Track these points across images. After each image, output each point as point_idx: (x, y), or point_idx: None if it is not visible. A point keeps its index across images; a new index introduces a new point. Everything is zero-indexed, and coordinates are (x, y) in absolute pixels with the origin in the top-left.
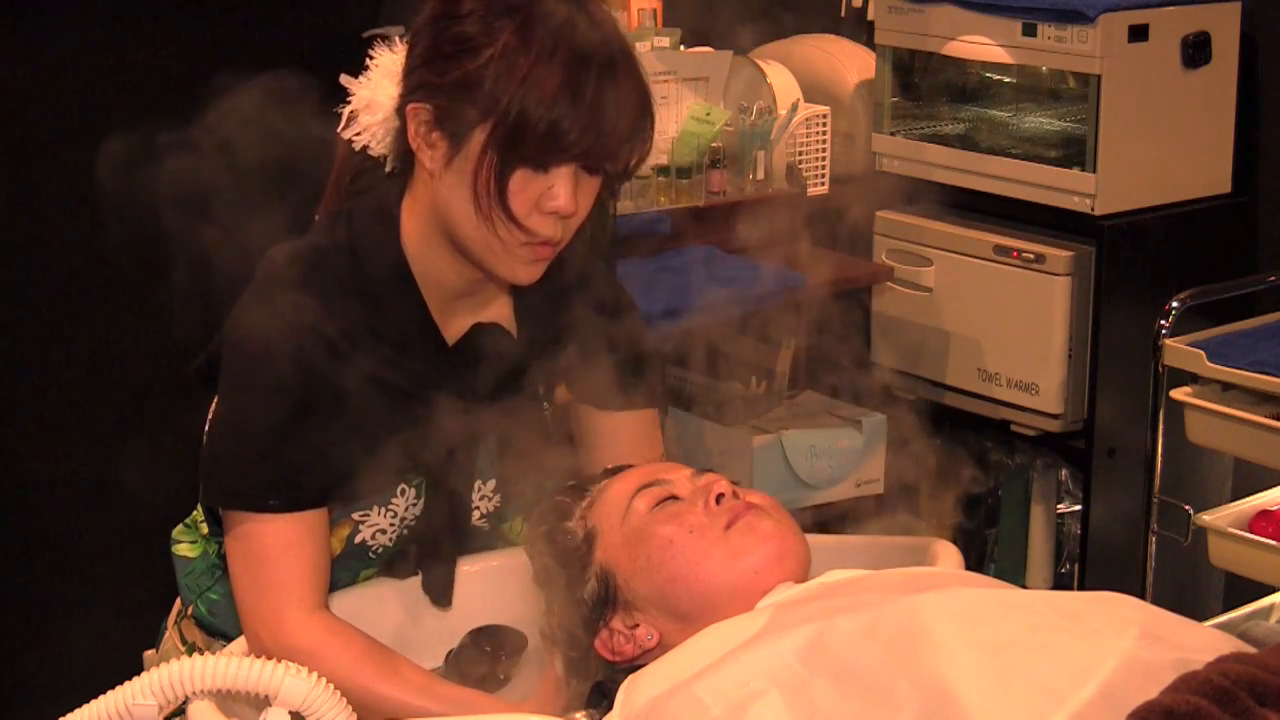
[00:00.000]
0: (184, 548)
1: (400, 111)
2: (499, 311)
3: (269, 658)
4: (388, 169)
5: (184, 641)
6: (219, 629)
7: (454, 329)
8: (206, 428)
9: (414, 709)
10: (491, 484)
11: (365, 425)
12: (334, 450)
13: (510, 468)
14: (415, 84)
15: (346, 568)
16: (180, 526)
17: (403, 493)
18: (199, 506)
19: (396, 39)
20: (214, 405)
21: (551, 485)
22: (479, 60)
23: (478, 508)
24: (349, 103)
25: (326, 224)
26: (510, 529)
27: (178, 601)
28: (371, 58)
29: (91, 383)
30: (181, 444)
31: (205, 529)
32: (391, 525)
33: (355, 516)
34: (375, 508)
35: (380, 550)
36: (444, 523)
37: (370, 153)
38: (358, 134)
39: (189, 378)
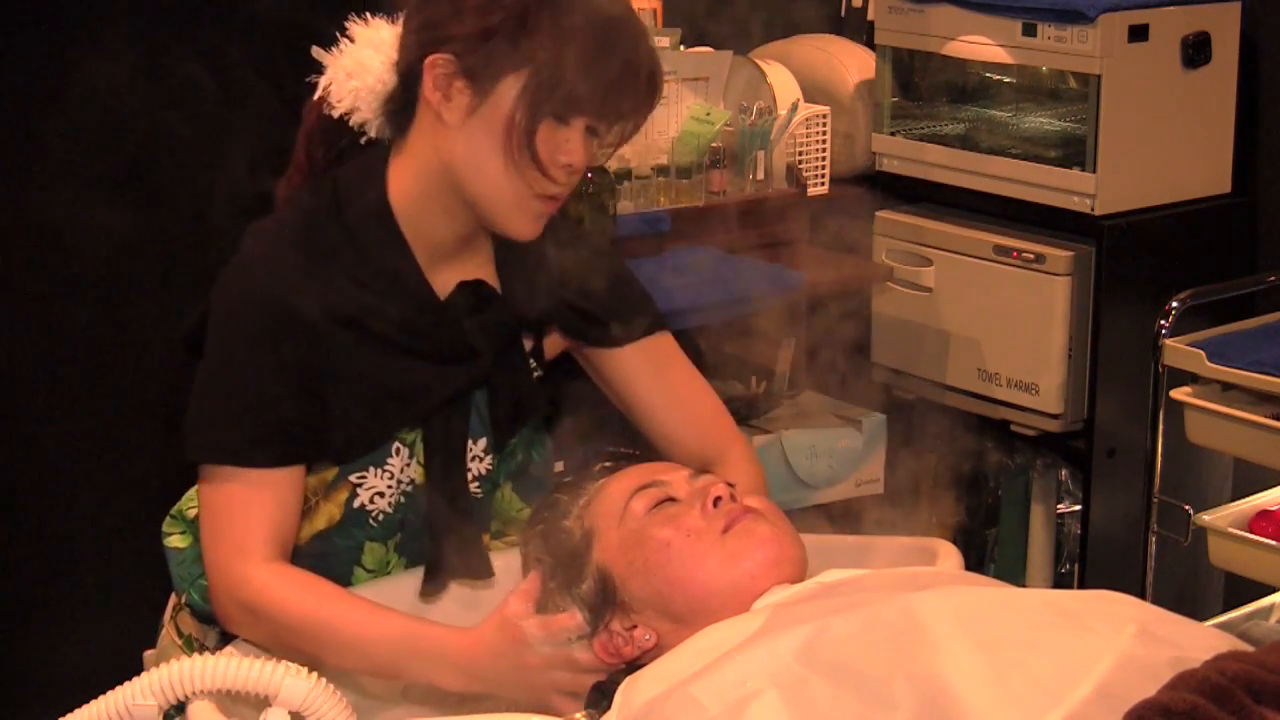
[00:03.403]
0: (175, 539)
1: (403, 67)
2: (481, 269)
3: (226, 609)
4: (369, 135)
5: (180, 635)
6: (213, 613)
7: (440, 287)
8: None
9: (362, 625)
10: (483, 443)
11: (358, 379)
12: (326, 404)
13: (501, 426)
14: (434, 36)
15: (347, 535)
16: (168, 518)
17: (397, 452)
18: (184, 495)
19: (367, 15)
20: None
21: (541, 451)
22: (509, 12)
23: (470, 469)
24: (320, 74)
25: (308, 192)
26: (500, 497)
27: (173, 597)
28: (345, 31)
29: (91, 380)
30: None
31: (192, 514)
32: (389, 488)
33: (353, 479)
34: (372, 468)
35: (380, 517)
36: (441, 482)
37: (350, 120)
38: (339, 100)
39: (181, 349)
